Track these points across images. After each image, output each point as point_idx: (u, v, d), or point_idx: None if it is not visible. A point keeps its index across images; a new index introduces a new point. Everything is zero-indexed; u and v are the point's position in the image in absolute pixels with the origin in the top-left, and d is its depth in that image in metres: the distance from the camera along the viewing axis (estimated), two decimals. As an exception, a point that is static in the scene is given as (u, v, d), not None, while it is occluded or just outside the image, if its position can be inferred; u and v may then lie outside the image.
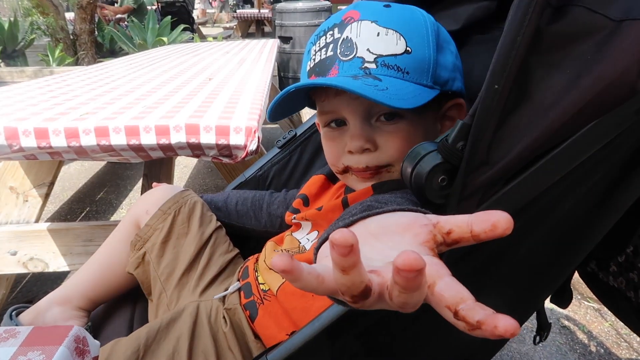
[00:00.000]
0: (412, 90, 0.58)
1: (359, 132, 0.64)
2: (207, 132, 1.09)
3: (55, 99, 1.34)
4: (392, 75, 0.59)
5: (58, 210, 2.51)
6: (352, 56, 0.61)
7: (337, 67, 0.61)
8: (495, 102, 0.43)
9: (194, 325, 0.72)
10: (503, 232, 0.28)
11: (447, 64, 0.63)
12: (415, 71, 0.60)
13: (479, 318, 0.24)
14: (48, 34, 5.10)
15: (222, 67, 2.08)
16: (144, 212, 0.89)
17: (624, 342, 1.52)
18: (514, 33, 0.43)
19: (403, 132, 0.63)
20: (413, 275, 0.24)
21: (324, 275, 0.28)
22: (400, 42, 0.59)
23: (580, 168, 0.49)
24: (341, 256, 0.25)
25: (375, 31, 0.60)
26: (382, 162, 0.64)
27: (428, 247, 0.32)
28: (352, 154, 0.65)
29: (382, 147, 0.64)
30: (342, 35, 0.62)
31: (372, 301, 0.28)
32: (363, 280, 0.27)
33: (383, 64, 0.59)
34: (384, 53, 0.59)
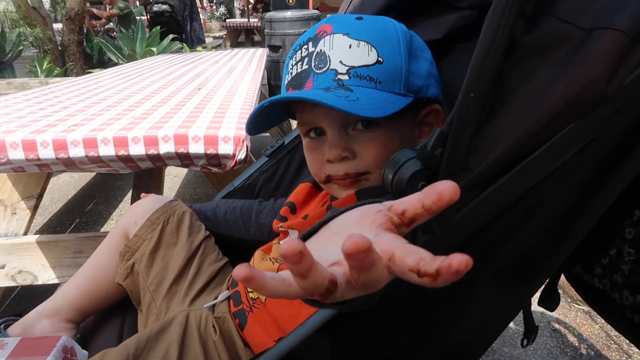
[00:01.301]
0: (384, 99, 0.60)
1: (336, 142, 0.65)
2: (195, 142, 1.09)
3: (44, 111, 1.34)
4: (365, 85, 0.61)
5: (47, 223, 2.49)
6: (325, 69, 0.62)
7: (312, 80, 0.63)
8: (471, 109, 0.44)
9: (184, 334, 0.72)
10: (450, 199, 0.29)
11: (420, 72, 0.64)
12: (388, 80, 0.61)
13: (436, 266, 0.26)
14: (36, 46, 5.08)
15: (211, 77, 2.09)
16: (133, 222, 0.89)
17: (614, 344, 1.54)
18: (488, 42, 0.44)
19: (379, 139, 0.64)
20: (362, 256, 0.26)
21: (289, 279, 0.29)
22: (372, 52, 0.61)
23: (557, 172, 0.51)
24: (294, 264, 0.26)
25: (347, 43, 0.62)
26: (361, 169, 0.66)
27: (385, 228, 0.33)
28: (332, 162, 0.67)
29: (360, 155, 0.65)
30: (316, 49, 0.64)
31: (342, 292, 0.30)
32: (325, 278, 0.28)
33: (355, 74, 0.61)
34: (356, 64, 0.61)
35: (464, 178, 0.45)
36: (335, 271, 0.30)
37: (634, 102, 0.49)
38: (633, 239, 0.81)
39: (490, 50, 0.44)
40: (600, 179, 0.59)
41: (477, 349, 0.79)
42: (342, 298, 0.31)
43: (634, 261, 0.81)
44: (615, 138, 0.53)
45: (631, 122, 0.53)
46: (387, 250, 0.29)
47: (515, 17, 0.44)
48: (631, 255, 0.81)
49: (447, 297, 0.60)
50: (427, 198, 0.30)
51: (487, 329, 0.76)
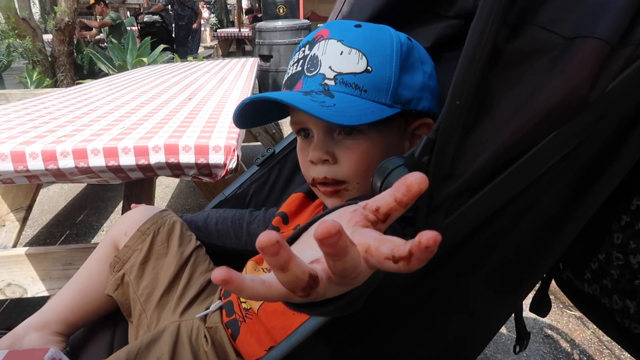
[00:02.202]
0: (364, 108, 0.60)
1: (319, 144, 0.66)
2: (186, 152, 1.09)
3: (32, 122, 1.34)
4: (349, 92, 0.61)
5: (37, 234, 2.47)
6: (315, 72, 0.63)
7: (302, 82, 0.65)
8: (457, 117, 0.45)
9: (175, 345, 0.72)
10: (419, 189, 0.30)
11: (413, 84, 0.64)
12: (374, 89, 0.62)
13: (408, 248, 0.27)
14: (25, 57, 5.06)
15: (202, 87, 2.09)
16: (123, 233, 0.89)
17: (606, 350, 1.55)
18: (472, 51, 0.45)
19: (361, 147, 0.65)
20: (334, 240, 0.26)
21: (269, 280, 0.29)
22: (362, 61, 0.61)
23: (543, 178, 0.51)
24: (272, 256, 0.27)
25: (339, 50, 0.62)
26: (339, 176, 0.66)
27: (361, 226, 0.33)
28: (314, 164, 0.67)
29: (340, 161, 0.66)
30: (311, 52, 0.65)
31: (324, 287, 0.30)
32: (305, 271, 0.28)
33: (342, 81, 0.62)
34: (344, 71, 0.62)
35: (451, 185, 0.46)
36: (315, 267, 0.30)
37: (616, 109, 0.50)
38: (621, 244, 0.82)
39: (474, 58, 0.45)
40: (587, 184, 0.60)
41: (470, 354, 0.79)
42: (325, 295, 0.31)
43: (622, 266, 0.82)
44: (600, 143, 0.54)
45: (615, 127, 0.54)
46: (362, 244, 0.30)
47: (498, 26, 0.45)
48: (620, 260, 0.82)
49: (439, 302, 0.61)
50: (397, 191, 0.30)
51: (478, 333, 0.76)
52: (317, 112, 0.56)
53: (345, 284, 0.31)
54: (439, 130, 0.45)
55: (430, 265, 0.51)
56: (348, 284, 0.31)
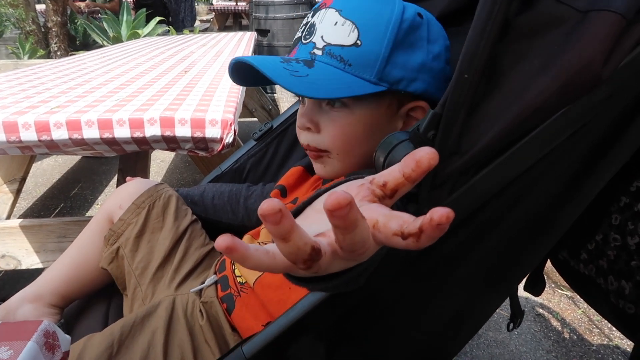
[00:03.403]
0: (342, 82, 0.59)
1: (305, 111, 0.67)
2: (182, 125, 1.07)
3: (25, 92, 1.31)
4: (333, 64, 0.60)
5: (31, 207, 2.45)
6: (309, 40, 0.63)
7: (297, 48, 0.65)
8: (464, 91, 0.43)
9: (170, 319, 0.72)
10: (429, 165, 0.28)
11: (407, 64, 0.62)
12: (359, 64, 0.60)
13: (418, 225, 0.25)
14: (18, 27, 4.96)
15: (199, 60, 2.05)
16: (117, 206, 0.88)
17: (595, 329, 1.57)
18: (482, 23, 0.43)
19: (343, 121, 0.64)
20: (345, 212, 0.25)
21: (273, 251, 0.28)
22: (353, 34, 0.60)
23: (548, 157, 0.50)
24: (274, 225, 0.25)
25: (334, 20, 0.61)
26: (320, 146, 0.66)
27: (368, 200, 0.32)
28: (301, 130, 0.68)
29: (323, 131, 0.66)
30: (312, 20, 0.65)
31: (327, 261, 0.29)
32: (307, 242, 0.27)
33: (329, 52, 0.61)
34: (333, 42, 0.61)
35: (456, 161, 0.45)
36: (319, 240, 0.29)
37: (627, 86, 0.49)
38: (619, 225, 0.82)
39: (484, 31, 0.43)
40: (591, 165, 0.59)
41: (466, 334, 0.79)
42: (328, 270, 0.30)
43: (620, 247, 0.82)
44: (608, 122, 0.53)
45: (624, 106, 0.53)
46: (370, 219, 0.29)
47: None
48: (617, 241, 0.82)
49: (437, 281, 0.60)
50: (406, 167, 0.29)
51: (476, 313, 0.76)
52: (282, 80, 0.56)
53: (351, 259, 0.30)
54: (446, 104, 0.43)
55: (431, 244, 0.51)
56: (354, 259, 0.30)
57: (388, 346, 0.64)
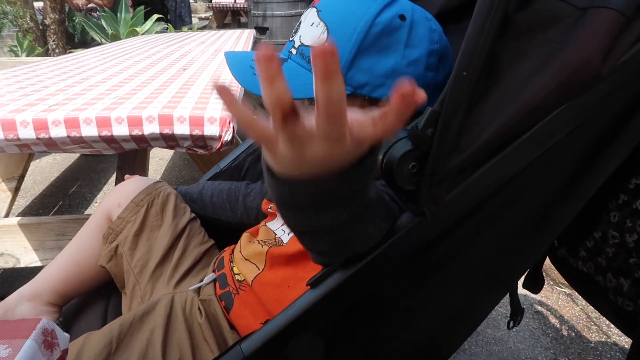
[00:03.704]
0: (307, 83, 0.57)
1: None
2: (180, 123, 1.07)
3: (23, 90, 1.30)
4: (302, 64, 0.62)
5: (29, 205, 2.45)
6: (292, 38, 0.65)
7: (286, 45, 0.66)
8: (463, 89, 0.43)
9: (169, 317, 0.71)
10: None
11: (374, 68, 0.60)
12: None
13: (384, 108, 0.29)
14: (16, 24, 4.94)
15: (197, 58, 2.05)
16: (116, 204, 0.87)
17: (594, 326, 1.57)
18: (482, 20, 0.43)
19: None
20: (329, 59, 0.28)
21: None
22: (323, 36, 0.61)
23: (547, 154, 0.50)
24: (265, 64, 0.28)
25: (312, 21, 0.62)
26: None
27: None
28: None
29: None
30: (302, 17, 0.66)
31: (304, 129, 0.31)
32: (289, 92, 0.29)
33: (300, 52, 0.63)
34: (306, 43, 0.62)
35: (455, 159, 0.45)
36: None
37: (626, 83, 0.49)
38: (617, 223, 0.82)
39: (483, 28, 0.43)
40: (590, 162, 0.59)
41: (465, 332, 0.79)
42: (304, 139, 0.31)
43: (618, 244, 0.82)
44: (607, 119, 0.53)
45: (625, 103, 0.53)
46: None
47: None
48: (615, 239, 0.82)
49: (436, 279, 0.60)
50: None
51: (475, 311, 0.76)
52: (242, 79, 0.59)
53: (328, 125, 0.30)
54: (445, 102, 0.43)
55: (431, 241, 0.51)
56: (332, 125, 0.30)
57: (387, 344, 0.64)
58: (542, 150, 0.49)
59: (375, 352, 0.64)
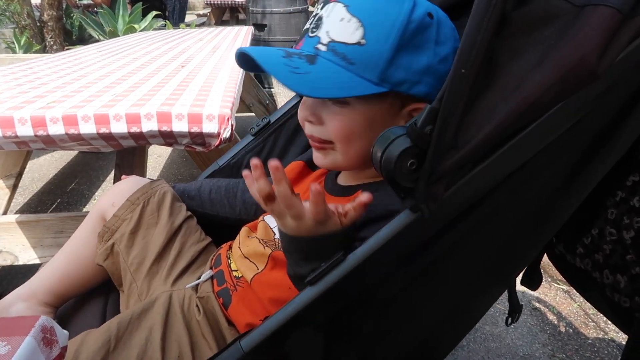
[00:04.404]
0: (344, 81, 0.59)
1: (307, 104, 0.67)
2: (179, 120, 1.07)
3: (21, 87, 1.30)
4: (335, 62, 0.60)
5: (28, 202, 2.44)
6: (315, 34, 0.63)
7: (304, 41, 0.64)
8: (462, 86, 0.43)
9: (167, 314, 0.72)
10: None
11: (412, 66, 0.61)
12: (362, 64, 0.59)
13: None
14: (13, 21, 4.92)
15: (195, 55, 2.05)
16: (110, 204, 0.87)
17: (591, 322, 1.58)
18: (480, 18, 0.43)
19: (345, 117, 0.64)
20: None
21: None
22: (358, 32, 0.59)
23: (546, 151, 0.50)
24: (273, 174, 0.50)
25: (341, 16, 0.60)
26: (325, 137, 0.67)
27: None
28: (301, 121, 0.69)
29: (325, 125, 0.66)
30: (320, 12, 0.64)
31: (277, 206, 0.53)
32: (268, 187, 0.52)
33: (332, 49, 0.60)
34: (337, 39, 0.60)
35: (453, 156, 0.45)
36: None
37: (624, 80, 0.49)
38: (615, 220, 0.82)
39: (481, 25, 0.43)
40: (588, 158, 0.59)
41: (464, 329, 0.79)
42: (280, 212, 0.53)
43: (615, 241, 0.82)
44: (605, 117, 0.53)
45: (622, 101, 0.53)
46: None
47: None
48: (613, 236, 0.83)
49: (436, 276, 0.60)
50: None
51: (472, 307, 0.76)
52: (282, 77, 0.57)
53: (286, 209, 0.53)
54: (443, 99, 0.43)
55: (430, 238, 0.51)
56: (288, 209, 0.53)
57: (386, 340, 0.64)
58: (541, 147, 0.49)
59: (374, 349, 0.65)
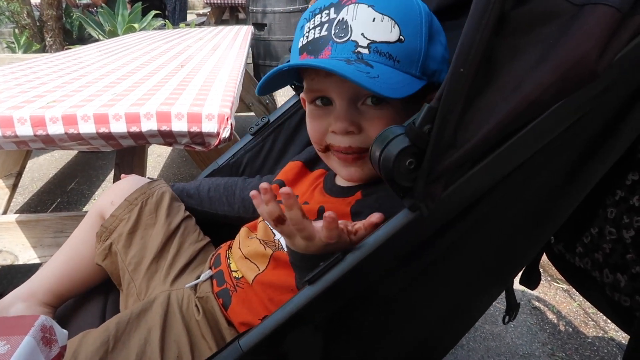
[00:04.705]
0: (401, 80, 0.59)
1: (344, 115, 0.65)
2: (178, 120, 1.07)
3: (21, 87, 1.30)
4: (383, 62, 0.60)
5: (27, 202, 2.44)
6: (346, 39, 0.61)
7: (330, 49, 0.62)
8: (460, 85, 0.43)
9: (166, 314, 0.71)
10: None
11: (436, 56, 0.63)
12: (406, 60, 0.61)
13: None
14: (13, 21, 4.93)
15: (195, 54, 2.04)
16: (109, 203, 0.87)
17: (591, 321, 1.58)
18: (478, 17, 0.43)
19: (387, 118, 0.64)
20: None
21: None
22: (395, 29, 0.60)
23: (545, 150, 0.50)
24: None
25: (372, 16, 0.60)
26: (364, 144, 0.66)
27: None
28: (336, 134, 0.67)
29: (366, 131, 0.65)
30: (337, 16, 0.62)
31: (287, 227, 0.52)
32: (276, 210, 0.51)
33: (376, 50, 0.60)
34: (378, 39, 0.60)
35: (452, 155, 0.45)
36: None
37: (623, 79, 0.49)
38: (614, 219, 0.82)
39: (480, 24, 0.43)
40: (588, 157, 0.59)
41: (464, 328, 0.79)
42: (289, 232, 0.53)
43: (615, 240, 0.82)
44: (604, 116, 0.53)
45: (621, 100, 0.53)
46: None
47: None
48: (612, 235, 0.83)
49: (434, 276, 0.60)
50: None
51: (472, 307, 0.76)
52: (369, 84, 0.55)
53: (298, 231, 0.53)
54: (442, 98, 0.43)
55: (429, 237, 0.51)
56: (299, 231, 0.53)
57: (385, 340, 0.64)
58: (540, 146, 0.49)
59: (374, 348, 0.65)
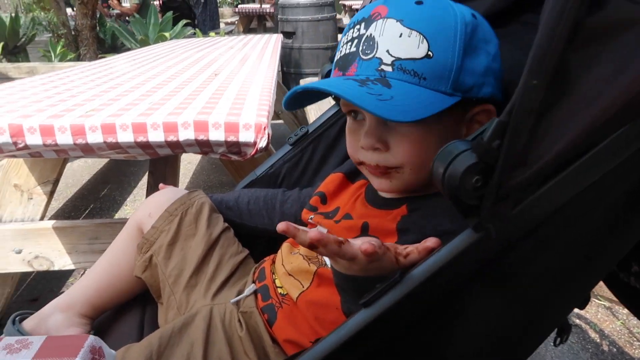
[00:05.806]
0: (424, 99, 0.57)
1: (372, 131, 0.64)
2: (216, 129, 1.06)
3: (60, 96, 1.32)
4: (407, 80, 0.58)
5: (62, 207, 2.49)
6: (371, 56, 0.59)
7: (357, 65, 0.61)
8: (533, 98, 0.40)
9: (208, 329, 0.70)
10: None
11: (476, 69, 0.60)
12: (433, 77, 0.58)
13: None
14: (49, 30, 5.08)
15: (227, 63, 2.05)
16: (147, 215, 0.87)
17: (636, 342, 1.51)
18: (552, 26, 0.40)
19: (416, 135, 0.61)
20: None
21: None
22: (423, 45, 0.57)
23: (619, 168, 0.47)
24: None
25: (399, 32, 0.58)
26: (391, 164, 0.64)
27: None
28: (365, 150, 0.65)
29: (393, 149, 0.63)
30: (366, 32, 0.61)
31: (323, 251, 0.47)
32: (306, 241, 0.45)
33: (400, 67, 0.58)
34: (403, 56, 0.58)
35: (522, 173, 0.42)
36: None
37: None
38: (673, 237, 0.77)
39: (554, 34, 0.40)
40: None
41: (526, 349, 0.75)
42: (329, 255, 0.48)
43: (674, 260, 0.78)
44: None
45: None
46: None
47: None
48: (670, 254, 0.78)
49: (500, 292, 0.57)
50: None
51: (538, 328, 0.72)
52: (374, 108, 0.54)
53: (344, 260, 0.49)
54: (513, 112, 0.40)
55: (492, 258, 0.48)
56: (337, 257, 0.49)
57: None
58: (613, 165, 0.46)
59: None
